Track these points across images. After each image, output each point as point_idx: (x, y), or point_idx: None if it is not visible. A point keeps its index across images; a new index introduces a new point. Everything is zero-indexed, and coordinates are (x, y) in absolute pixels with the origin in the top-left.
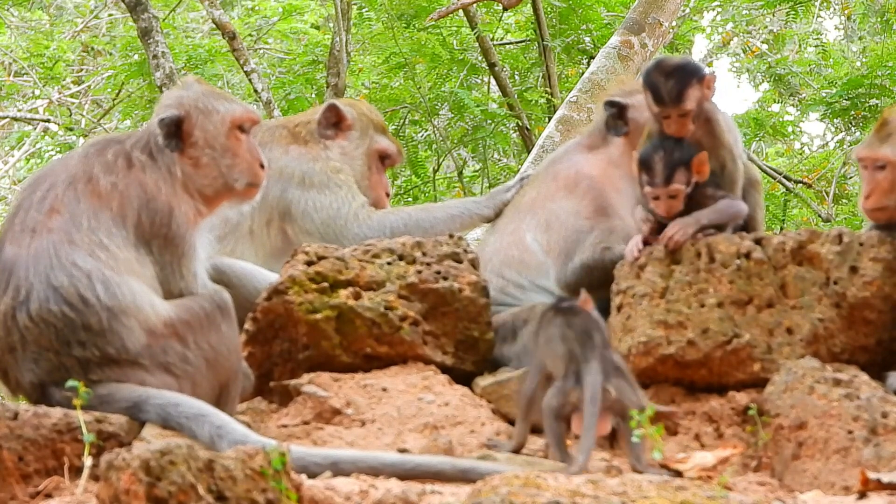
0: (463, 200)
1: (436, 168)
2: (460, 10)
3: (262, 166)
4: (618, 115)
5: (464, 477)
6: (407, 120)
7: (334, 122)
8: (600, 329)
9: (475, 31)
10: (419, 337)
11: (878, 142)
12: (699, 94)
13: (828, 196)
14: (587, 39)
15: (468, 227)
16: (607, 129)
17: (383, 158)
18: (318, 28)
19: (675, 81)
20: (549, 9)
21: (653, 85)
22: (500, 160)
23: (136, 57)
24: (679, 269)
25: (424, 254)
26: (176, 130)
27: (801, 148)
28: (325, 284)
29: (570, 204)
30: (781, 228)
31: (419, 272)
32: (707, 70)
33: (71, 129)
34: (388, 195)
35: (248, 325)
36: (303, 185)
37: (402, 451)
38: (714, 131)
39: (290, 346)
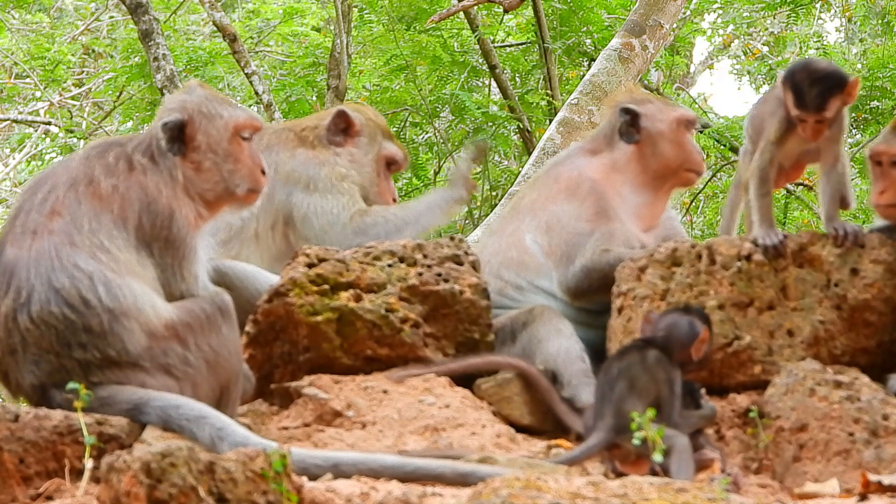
0: (432, 190)
1: (437, 170)
2: (461, 13)
3: (263, 172)
4: (630, 122)
5: (464, 480)
6: (408, 122)
7: (343, 128)
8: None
9: (476, 33)
10: (420, 339)
11: (895, 138)
12: (840, 103)
13: None
14: (588, 42)
15: (448, 211)
16: (620, 136)
17: (390, 164)
18: (318, 30)
19: (819, 89)
20: (549, 11)
21: (797, 88)
22: (500, 162)
23: (136, 59)
24: (680, 270)
25: (425, 256)
26: (179, 134)
27: None
28: (326, 286)
29: (571, 206)
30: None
31: (420, 274)
32: (850, 76)
33: (72, 132)
34: (395, 201)
35: (248, 327)
36: (307, 189)
37: (403, 453)
38: (839, 130)
39: (290, 349)
